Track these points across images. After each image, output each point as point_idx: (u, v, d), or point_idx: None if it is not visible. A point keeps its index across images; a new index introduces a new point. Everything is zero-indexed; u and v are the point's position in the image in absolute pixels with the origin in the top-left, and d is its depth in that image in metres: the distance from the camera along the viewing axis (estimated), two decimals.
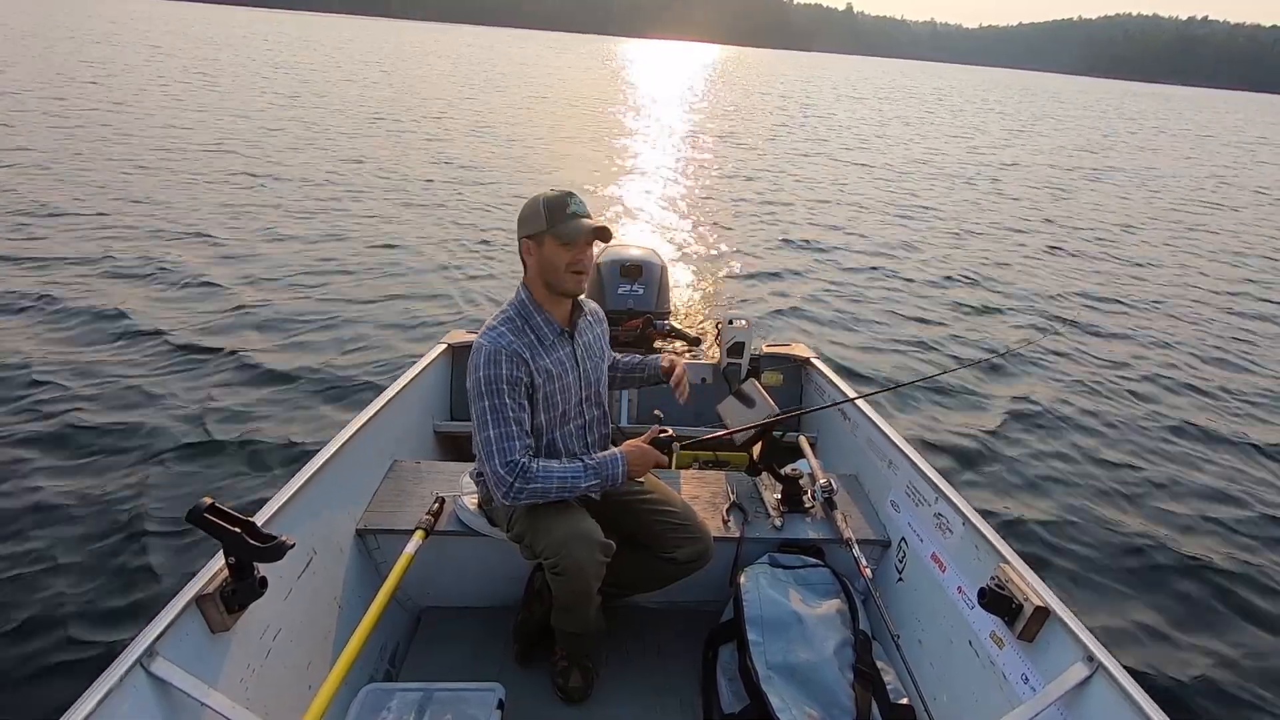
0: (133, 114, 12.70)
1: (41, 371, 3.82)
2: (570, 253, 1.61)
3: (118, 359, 4.06)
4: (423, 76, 27.72)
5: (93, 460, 3.12)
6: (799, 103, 30.65)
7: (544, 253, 1.61)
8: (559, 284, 1.64)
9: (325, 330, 4.76)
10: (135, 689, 1.21)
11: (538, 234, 1.61)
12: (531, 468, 1.57)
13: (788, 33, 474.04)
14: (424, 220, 7.78)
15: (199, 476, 3.09)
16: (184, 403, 3.66)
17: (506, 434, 1.56)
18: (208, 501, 1.33)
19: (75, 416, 3.43)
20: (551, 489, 1.59)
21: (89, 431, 3.32)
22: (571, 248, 1.60)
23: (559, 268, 1.62)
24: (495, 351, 1.57)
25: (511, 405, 1.57)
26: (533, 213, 1.61)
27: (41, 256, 5.53)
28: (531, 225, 1.61)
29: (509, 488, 1.56)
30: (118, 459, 3.15)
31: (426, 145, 12.56)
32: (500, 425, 1.56)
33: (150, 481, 3.01)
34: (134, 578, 2.49)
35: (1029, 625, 1.47)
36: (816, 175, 12.83)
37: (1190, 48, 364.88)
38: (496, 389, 1.56)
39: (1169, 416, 4.48)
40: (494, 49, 61.90)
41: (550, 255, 1.61)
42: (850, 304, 6.25)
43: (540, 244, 1.61)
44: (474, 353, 1.60)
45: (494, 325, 1.64)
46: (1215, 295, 7.36)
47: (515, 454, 1.56)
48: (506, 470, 1.56)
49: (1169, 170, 17.68)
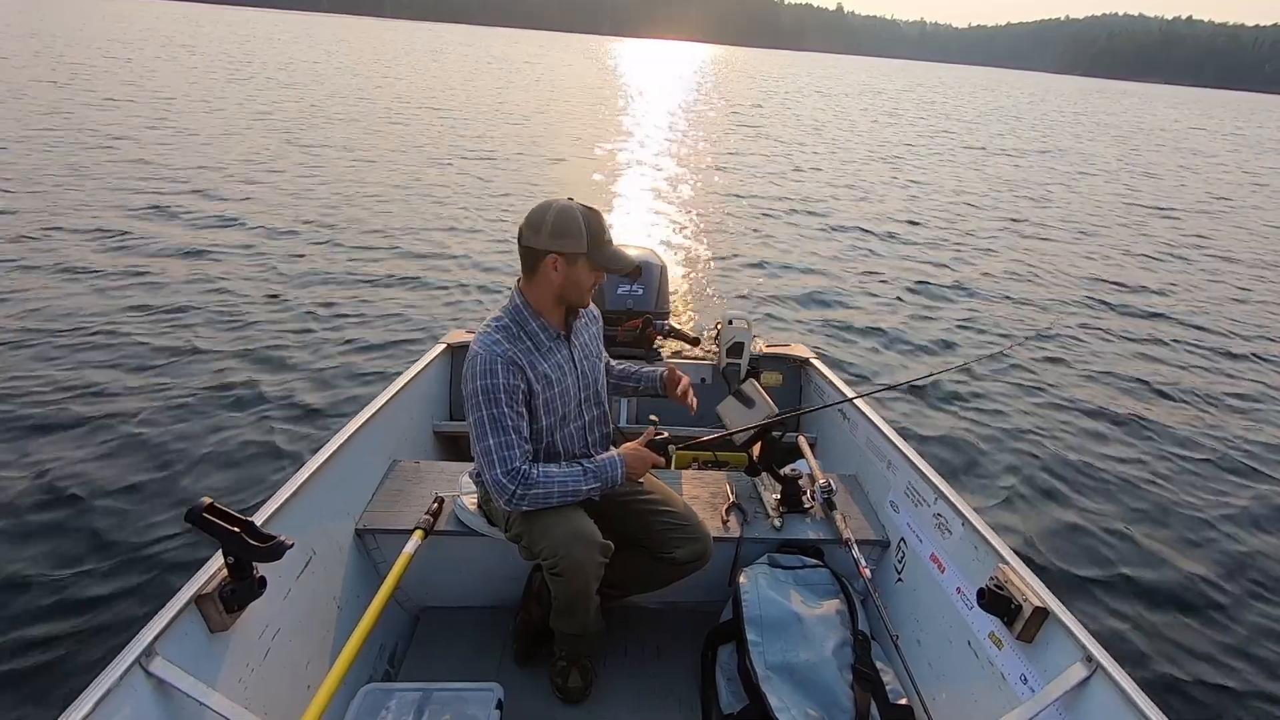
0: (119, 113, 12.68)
1: (42, 372, 3.82)
2: (598, 276, 1.62)
3: (118, 359, 4.06)
4: (423, 76, 27.71)
5: (91, 461, 3.12)
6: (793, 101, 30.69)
7: (574, 271, 1.58)
8: (578, 301, 1.65)
9: (325, 330, 4.75)
10: (134, 689, 1.21)
11: (573, 254, 1.56)
12: (533, 474, 1.57)
13: (778, 32, 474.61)
14: (424, 220, 7.78)
15: (198, 476, 3.09)
16: (183, 402, 3.65)
17: (506, 442, 1.55)
18: (207, 501, 1.33)
19: (75, 417, 3.42)
20: (554, 494, 1.59)
21: (88, 432, 3.32)
22: (602, 273, 1.61)
23: (584, 288, 1.62)
24: (491, 360, 1.56)
25: (510, 414, 1.56)
26: (569, 228, 1.54)
27: (33, 255, 5.53)
28: (569, 243, 1.55)
29: (511, 495, 1.55)
30: (116, 459, 3.14)
31: (426, 144, 12.56)
32: (500, 434, 1.55)
33: (149, 481, 3.01)
34: (133, 577, 2.49)
35: (1028, 626, 1.47)
36: (817, 175, 12.83)
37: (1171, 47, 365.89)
38: (494, 398, 1.55)
39: (1171, 416, 4.49)
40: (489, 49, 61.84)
41: (580, 277, 1.59)
42: (850, 303, 6.26)
43: (573, 263, 1.57)
44: (469, 361, 1.58)
45: (488, 332, 1.61)
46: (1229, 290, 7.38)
47: (516, 462, 1.56)
48: (509, 479, 1.55)
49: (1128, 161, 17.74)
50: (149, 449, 3.24)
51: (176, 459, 3.19)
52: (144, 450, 3.23)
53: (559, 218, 1.55)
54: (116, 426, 3.39)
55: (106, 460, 3.13)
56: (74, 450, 3.18)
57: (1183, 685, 2.42)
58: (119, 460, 3.14)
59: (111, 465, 3.10)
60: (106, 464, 3.10)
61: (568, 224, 1.54)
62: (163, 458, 3.19)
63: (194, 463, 3.18)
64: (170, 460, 3.17)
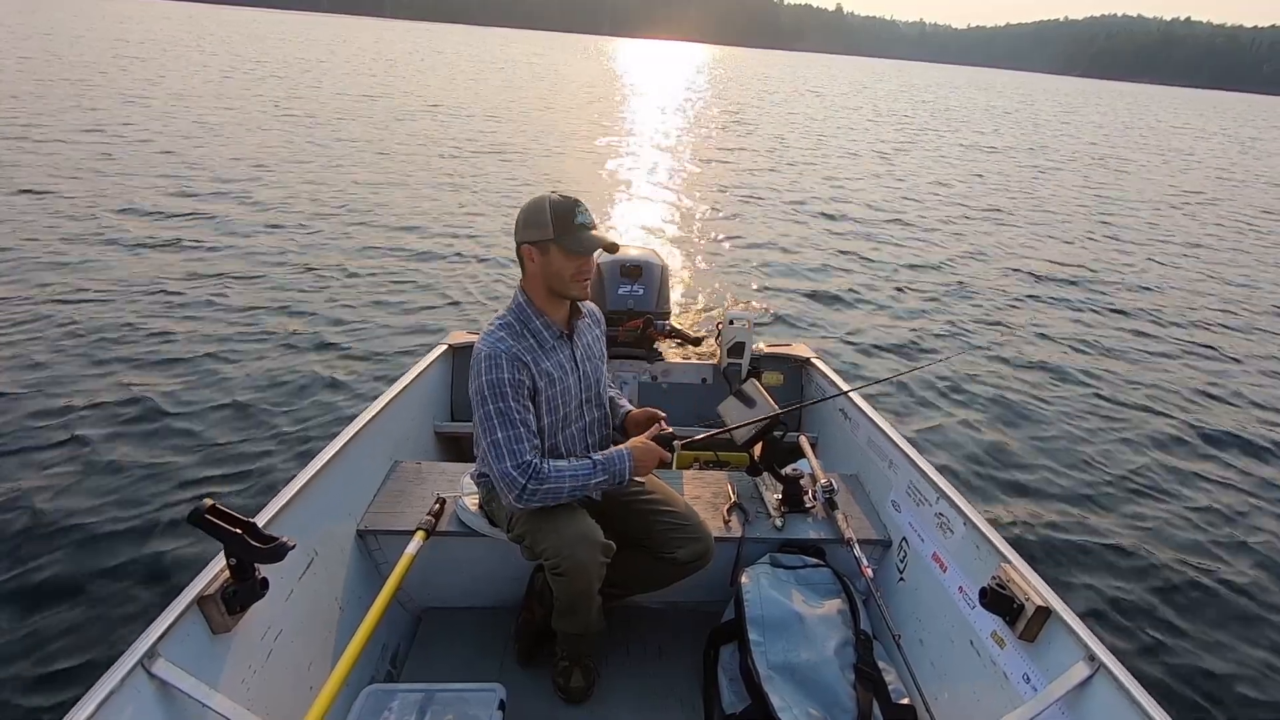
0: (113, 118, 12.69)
1: (43, 372, 3.82)
2: (576, 262, 1.60)
3: (117, 359, 4.06)
4: (421, 75, 27.72)
5: (92, 462, 3.12)
6: (794, 101, 30.68)
7: (549, 260, 1.59)
8: (564, 291, 1.64)
9: (325, 331, 4.75)
10: (137, 690, 1.21)
11: (542, 241, 1.58)
12: (544, 468, 1.56)
13: (777, 33, 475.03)
14: (424, 219, 7.78)
15: (200, 477, 3.09)
16: (184, 403, 3.66)
17: (516, 436, 1.55)
18: (209, 503, 1.33)
19: (74, 417, 3.42)
20: (564, 488, 1.58)
21: (88, 433, 3.32)
22: (577, 258, 1.59)
23: (564, 277, 1.61)
24: (495, 355, 1.57)
25: (517, 407, 1.57)
26: (537, 218, 1.57)
27: (32, 257, 5.54)
28: (536, 232, 1.58)
29: (521, 490, 1.54)
30: (117, 460, 3.15)
31: (426, 143, 12.56)
32: (509, 428, 1.55)
33: (151, 483, 3.02)
34: (135, 579, 2.49)
35: (1030, 625, 1.47)
36: (817, 175, 12.82)
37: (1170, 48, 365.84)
38: (501, 392, 1.55)
39: (1173, 415, 4.49)
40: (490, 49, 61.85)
41: (556, 264, 1.59)
42: (853, 302, 6.26)
43: (545, 251, 1.59)
44: (474, 359, 1.59)
45: (492, 330, 1.63)
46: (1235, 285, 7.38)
47: (526, 455, 1.55)
48: (519, 472, 1.54)
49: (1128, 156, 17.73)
50: (150, 449, 3.24)
51: (178, 460, 3.19)
52: (145, 451, 3.23)
53: (528, 209, 1.59)
54: (118, 427, 3.39)
55: (106, 460, 3.13)
56: (74, 450, 3.18)
57: (1185, 684, 2.42)
58: (119, 460, 3.14)
59: (112, 465, 3.10)
60: (105, 466, 3.10)
61: (536, 214, 1.57)
62: (164, 459, 3.19)
63: (196, 464, 3.18)
64: (172, 461, 3.18)
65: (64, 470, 3.04)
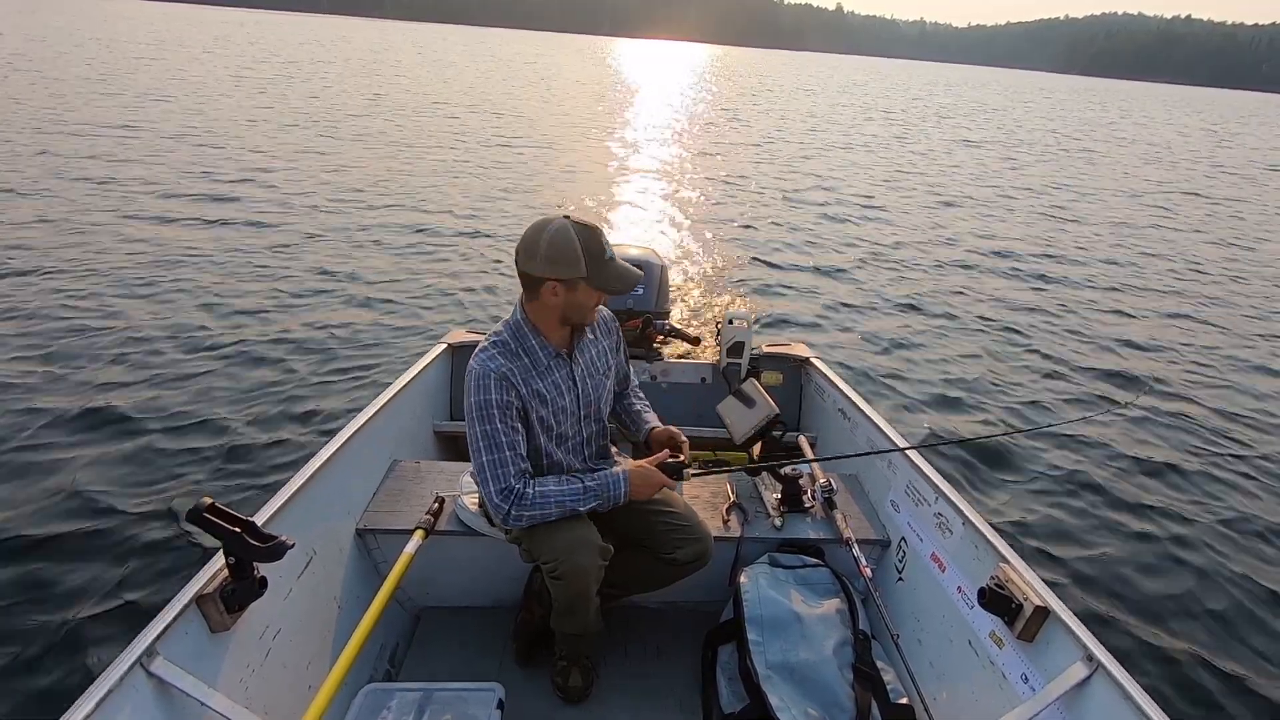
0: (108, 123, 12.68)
1: (43, 370, 3.82)
2: (601, 295, 1.57)
3: (116, 359, 4.06)
4: (421, 75, 27.71)
5: (92, 461, 3.12)
6: (796, 101, 30.68)
7: (575, 296, 1.54)
8: (583, 320, 1.62)
9: (324, 330, 4.75)
10: (135, 689, 1.21)
11: (572, 279, 1.51)
12: (527, 493, 1.55)
13: (777, 32, 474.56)
14: (425, 218, 7.78)
15: (199, 476, 3.09)
16: (185, 401, 3.65)
17: (500, 460, 1.55)
18: (208, 501, 1.33)
19: (74, 416, 3.42)
20: (550, 513, 1.57)
21: (88, 432, 3.32)
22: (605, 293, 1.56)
23: (587, 310, 1.59)
24: (484, 375, 1.55)
25: (504, 429, 1.55)
26: (565, 255, 1.47)
27: (31, 253, 5.54)
28: (565, 269, 1.49)
29: (505, 515, 1.55)
30: (117, 459, 3.14)
31: (426, 143, 12.56)
32: (493, 451, 1.54)
33: (150, 481, 3.01)
34: (134, 577, 2.49)
35: (1029, 625, 1.47)
36: (817, 174, 12.82)
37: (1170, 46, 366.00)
38: (487, 414, 1.54)
39: (1172, 414, 4.49)
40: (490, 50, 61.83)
41: (581, 299, 1.55)
42: (853, 302, 6.25)
43: (572, 289, 1.52)
44: (467, 376, 1.58)
45: (486, 346, 1.60)
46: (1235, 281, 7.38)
47: (510, 480, 1.55)
48: (501, 498, 1.54)
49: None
50: (149, 448, 3.24)
51: (177, 459, 3.19)
52: (144, 450, 3.23)
53: (553, 242, 1.48)
54: (117, 426, 3.38)
55: (106, 459, 3.13)
56: (74, 450, 3.18)
57: (1184, 685, 2.41)
58: (119, 459, 3.14)
59: (111, 464, 3.10)
60: (106, 463, 3.10)
61: (563, 249, 1.48)
62: (163, 457, 3.18)
63: (194, 462, 3.18)
64: (171, 460, 3.17)
65: (64, 469, 3.04)
